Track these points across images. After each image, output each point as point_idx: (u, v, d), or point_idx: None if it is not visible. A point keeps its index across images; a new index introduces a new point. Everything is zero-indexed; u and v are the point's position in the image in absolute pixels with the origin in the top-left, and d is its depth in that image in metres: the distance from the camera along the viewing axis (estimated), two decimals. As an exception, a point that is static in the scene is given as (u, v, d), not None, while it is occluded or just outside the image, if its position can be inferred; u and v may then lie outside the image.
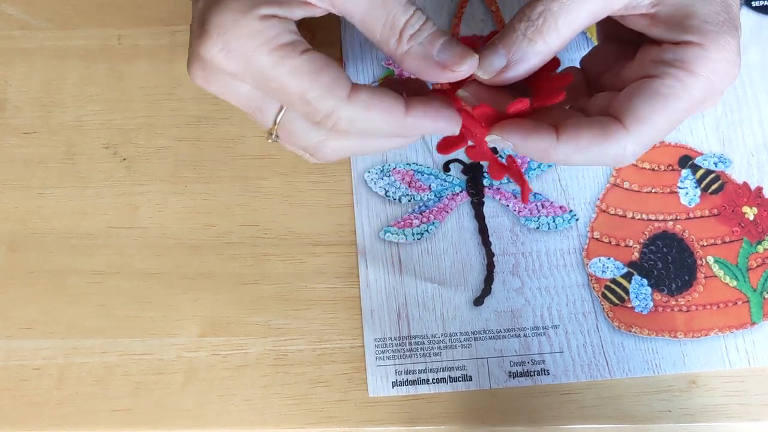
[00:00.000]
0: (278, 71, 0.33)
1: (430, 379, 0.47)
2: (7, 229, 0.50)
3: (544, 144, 0.34)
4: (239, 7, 0.33)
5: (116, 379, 0.47)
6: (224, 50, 0.34)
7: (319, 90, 0.34)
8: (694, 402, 0.47)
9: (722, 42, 0.34)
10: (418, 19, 0.34)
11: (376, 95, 0.34)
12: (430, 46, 0.34)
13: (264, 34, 0.33)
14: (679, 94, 0.34)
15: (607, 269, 0.49)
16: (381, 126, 0.35)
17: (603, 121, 0.34)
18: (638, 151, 0.34)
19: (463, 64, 0.34)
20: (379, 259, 0.49)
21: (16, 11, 0.54)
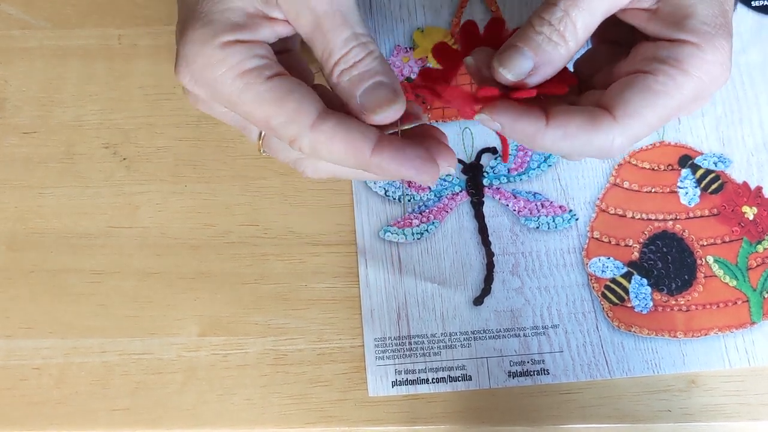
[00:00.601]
0: (242, 98, 0.33)
1: (430, 379, 0.47)
2: (6, 229, 0.50)
3: (533, 128, 0.34)
4: (201, 36, 0.33)
5: (116, 379, 0.47)
6: (192, 80, 0.34)
7: (283, 117, 0.33)
8: (694, 401, 0.47)
9: (717, 45, 0.34)
10: (354, 56, 0.34)
11: (343, 127, 0.34)
12: (355, 86, 0.34)
13: (226, 62, 0.33)
14: (671, 92, 0.34)
15: (606, 269, 0.49)
16: (343, 159, 0.34)
17: (593, 111, 0.34)
18: (624, 145, 0.34)
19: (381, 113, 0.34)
20: (378, 259, 0.49)
21: (15, 11, 0.54)
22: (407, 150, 0.34)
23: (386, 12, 0.53)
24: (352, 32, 0.34)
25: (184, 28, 0.34)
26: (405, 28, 0.53)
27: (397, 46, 0.53)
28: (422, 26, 0.53)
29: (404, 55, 0.52)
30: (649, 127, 0.35)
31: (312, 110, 0.34)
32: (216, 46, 0.33)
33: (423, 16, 0.53)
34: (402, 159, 0.34)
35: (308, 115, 0.33)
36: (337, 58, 0.34)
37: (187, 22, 0.34)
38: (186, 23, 0.34)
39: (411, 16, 0.53)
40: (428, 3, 0.53)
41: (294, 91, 0.34)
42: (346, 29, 0.34)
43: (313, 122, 0.33)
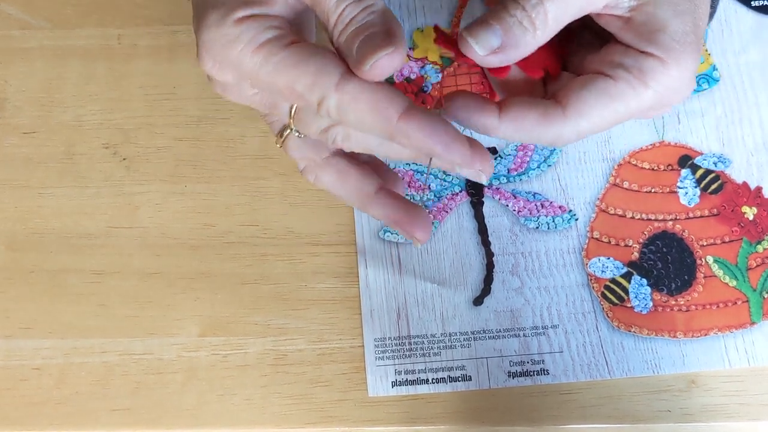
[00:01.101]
0: (264, 70, 0.33)
1: (430, 379, 0.47)
2: (6, 229, 0.50)
3: (488, 123, 0.35)
4: (216, 17, 0.33)
5: (116, 379, 0.47)
6: (216, 64, 0.34)
7: (307, 80, 0.33)
8: (694, 402, 0.47)
9: (683, 62, 0.34)
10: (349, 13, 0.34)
11: (369, 88, 0.33)
12: (351, 43, 0.33)
13: (243, 38, 0.33)
14: (626, 99, 0.35)
15: (606, 269, 0.49)
16: (369, 122, 0.33)
17: (545, 106, 0.35)
18: (573, 139, 0.35)
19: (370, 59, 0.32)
20: (378, 259, 0.49)
21: (15, 11, 0.54)
22: (438, 123, 0.33)
23: (386, 12, 0.53)
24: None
25: (198, 16, 0.34)
26: (405, 28, 0.53)
27: (397, 46, 0.52)
28: (422, 26, 0.53)
29: (404, 55, 0.52)
30: (597, 127, 0.35)
31: (335, 71, 0.33)
32: (230, 25, 0.33)
33: (423, 16, 0.53)
34: (431, 130, 0.33)
35: (332, 75, 0.33)
36: (334, 19, 0.34)
37: (200, 10, 0.34)
38: (200, 11, 0.34)
39: (411, 16, 0.53)
40: (428, 3, 0.53)
41: (315, 54, 0.33)
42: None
43: (337, 82, 0.33)
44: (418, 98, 0.51)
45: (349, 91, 0.33)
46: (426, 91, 0.52)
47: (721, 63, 0.52)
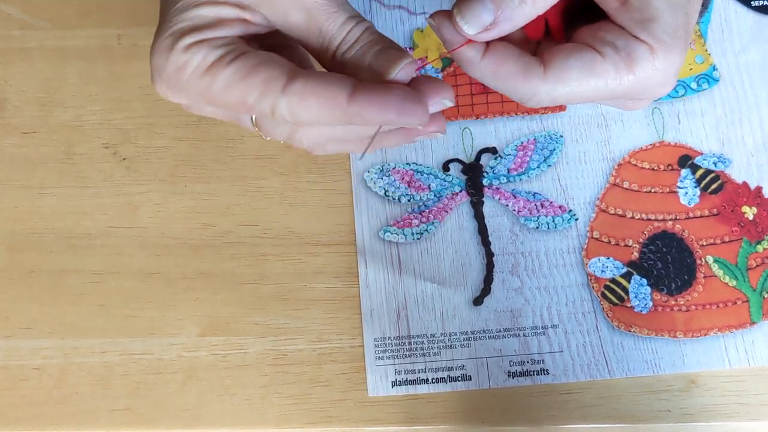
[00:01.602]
0: (213, 91, 0.33)
1: (430, 379, 0.47)
2: (6, 229, 0.50)
3: (472, 54, 0.35)
4: (166, 45, 0.33)
5: (116, 379, 0.48)
6: (168, 89, 0.34)
7: (255, 92, 0.33)
8: (694, 402, 0.47)
9: (670, 56, 0.35)
10: (352, 36, 0.34)
11: (313, 82, 0.33)
12: (361, 60, 0.34)
13: (191, 63, 0.33)
14: (607, 78, 0.35)
15: (606, 269, 0.49)
16: (322, 115, 0.33)
17: (528, 60, 0.35)
18: (545, 101, 0.35)
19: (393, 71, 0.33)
20: (378, 259, 0.49)
21: (15, 11, 0.54)
22: (387, 92, 0.32)
23: (386, 12, 0.53)
24: (347, 15, 0.35)
25: (153, 40, 0.34)
26: (405, 28, 0.53)
27: (396, 46, 0.52)
28: (422, 26, 0.53)
29: (404, 55, 0.52)
30: (571, 97, 0.35)
31: (280, 75, 0.33)
32: (179, 52, 0.33)
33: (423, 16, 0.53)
34: (382, 101, 0.32)
35: (277, 80, 0.33)
36: (339, 41, 0.34)
37: (156, 34, 0.34)
38: (155, 35, 0.34)
39: (411, 16, 0.53)
40: (428, 3, 0.54)
41: (260, 63, 0.33)
42: (341, 14, 0.34)
43: (284, 85, 0.33)
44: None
45: (296, 91, 0.33)
46: (426, 91, 0.52)
47: (721, 63, 0.52)
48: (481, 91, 0.52)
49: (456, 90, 0.52)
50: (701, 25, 0.53)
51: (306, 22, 0.34)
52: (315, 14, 0.34)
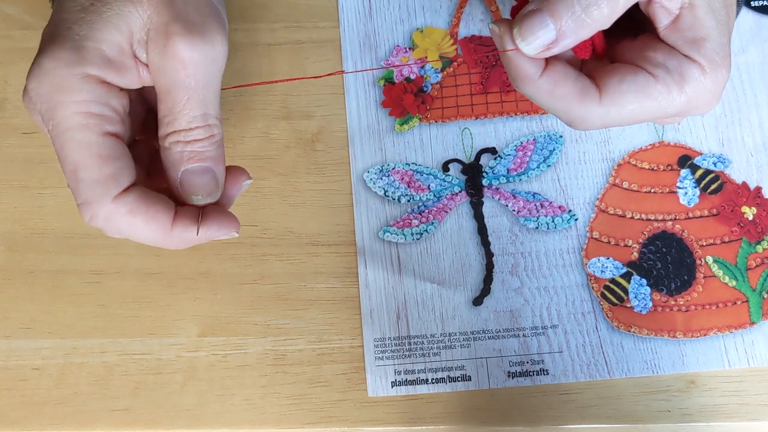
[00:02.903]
0: (68, 135, 0.32)
1: (429, 379, 0.47)
2: (6, 229, 0.50)
3: (532, 71, 0.35)
4: (68, 58, 0.32)
5: (116, 379, 0.48)
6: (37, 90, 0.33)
7: (92, 177, 0.33)
8: (693, 402, 0.47)
9: (719, 75, 0.35)
10: (195, 135, 0.34)
11: (146, 202, 0.33)
12: (181, 162, 0.34)
13: (78, 94, 0.32)
14: (660, 100, 0.35)
15: (606, 269, 0.49)
16: (140, 232, 0.34)
17: (586, 84, 0.35)
18: (596, 124, 0.35)
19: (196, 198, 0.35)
20: (378, 259, 0.49)
21: (15, 11, 0.54)
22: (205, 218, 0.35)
23: (386, 12, 0.53)
24: (203, 112, 0.34)
25: (53, 39, 0.33)
26: (404, 29, 0.53)
27: (396, 47, 0.53)
28: (422, 27, 0.53)
29: (404, 56, 0.52)
30: (621, 121, 0.35)
31: (125, 182, 0.33)
32: (77, 75, 0.32)
33: (422, 16, 0.53)
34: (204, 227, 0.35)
35: (119, 186, 0.33)
36: (179, 129, 0.34)
37: (58, 35, 0.33)
38: (57, 36, 0.33)
39: (410, 16, 0.53)
40: (428, 3, 0.54)
41: (118, 158, 0.33)
42: (199, 107, 0.34)
43: (117, 194, 0.33)
44: (417, 98, 0.51)
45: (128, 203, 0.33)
46: (426, 91, 0.52)
47: (720, 63, 0.52)
48: (480, 92, 0.52)
49: (455, 90, 0.52)
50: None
51: (169, 89, 0.33)
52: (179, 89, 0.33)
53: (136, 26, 0.33)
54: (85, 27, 0.33)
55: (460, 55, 0.52)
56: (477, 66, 0.52)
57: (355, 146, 0.51)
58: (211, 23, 0.34)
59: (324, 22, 0.53)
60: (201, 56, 0.33)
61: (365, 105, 0.52)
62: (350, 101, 0.52)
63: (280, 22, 0.53)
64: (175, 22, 0.33)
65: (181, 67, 0.33)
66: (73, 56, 0.32)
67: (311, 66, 0.52)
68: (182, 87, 0.33)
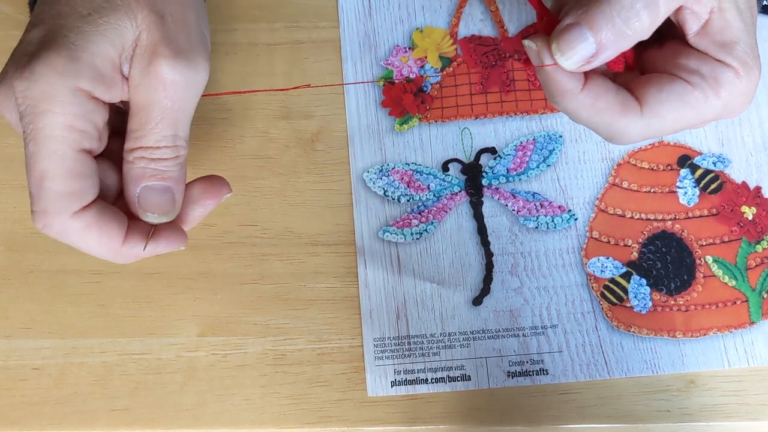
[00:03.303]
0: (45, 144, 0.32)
1: (429, 379, 0.47)
2: (6, 229, 0.50)
3: (572, 86, 0.35)
4: (62, 68, 0.32)
5: (115, 379, 0.48)
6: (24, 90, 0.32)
7: (58, 189, 0.32)
8: (693, 402, 0.47)
9: (752, 77, 0.35)
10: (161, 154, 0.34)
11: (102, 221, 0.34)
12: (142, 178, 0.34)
13: (66, 107, 0.32)
14: (698, 107, 0.35)
15: (606, 269, 0.49)
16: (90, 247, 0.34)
17: (626, 96, 0.35)
18: (635, 137, 0.35)
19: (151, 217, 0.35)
20: (378, 259, 0.49)
21: (14, 11, 0.54)
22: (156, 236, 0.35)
23: (386, 12, 0.53)
24: (173, 133, 0.34)
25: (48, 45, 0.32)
26: (404, 29, 0.53)
27: (396, 47, 0.53)
28: (421, 26, 0.53)
29: (403, 55, 0.52)
30: (660, 132, 0.35)
31: (88, 198, 0.33)
32: (68, 87, 0.32)
33: (422, 16, 0.53)
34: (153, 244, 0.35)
35: (82, 201, 0.33)
36: (146, 145, 0.34)
37: (53, 41, 0.33)
38: (52, 41, 0.33)
39: (410, 16, 0.53)
40: (427, 3, 0.54)
41: (87, 177, 0.33)
42: (170, 128, 0.34)
43: (78, 210, 0.33)
44: (417, 98, 0.51)
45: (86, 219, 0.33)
46: (425, 90, 0.52)
47: (720, 63, 0.52)
48: (480, 92, 0.52)
49: (455, 90, 0.52)
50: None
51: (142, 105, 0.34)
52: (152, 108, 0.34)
53: (128, 42, 0.33)
54: (82, 37, 0.33)
55: (459, 55, 0.52)
56: (477, 66, 0.52)
57: (354, 146, 0.51)
58: (198, 49, 0.35)
59: (324, 21, 0.53)
60: (183, 79, 0.33)
61: (365, 105, 0.52)
62: (350, 101, 0.52)
63: (280, 22, 0.53)
64: (163, 43, 0.33)
65: (162, 88, 0.33)
66: (68, 67, 0.32)
67: (311, 66, 0.52)
68: (158, 107, 0.34)
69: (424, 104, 0.51)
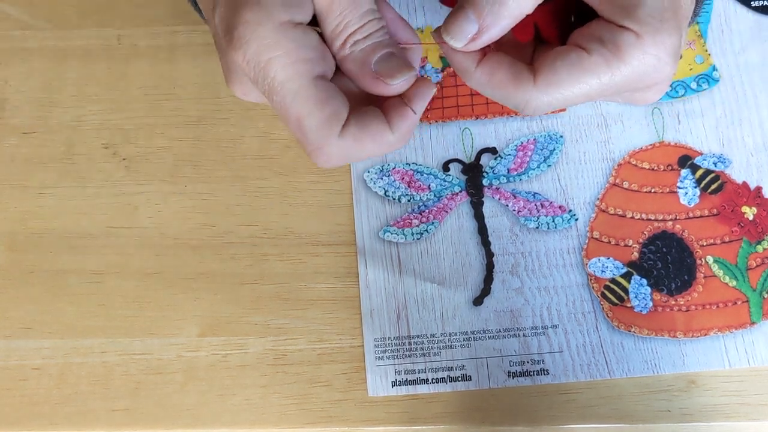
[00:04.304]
0: (285, 87, 0.33)
1: (430, 379, 0.47)
2: (6, 229, 0.50)
3: (467, 64, 0.36)
4: (255, 17, 0.33)
5: (116, 379, 0.47)
6: (245, 60, 0.34)
7: (316, 122, 0.34)
8: (694, 402, 0.47)
9: (659, 39, 0.34)
10: (369, 29, 0.35)
11: (364, 125, 0.35)
12: (370, 54, 0.35)
13: (281, 45, 0.33)
14: (599, 73, 0.34)
15: (606, 269, 0.49)
16: (372, 152, 0.35)
17: (520, 69, 0.35)
18: (542, 107, 0.36)
19: (398, 78, 0.35)
20: (378, 259, 0.49)
21: (15, 11, 0.54)
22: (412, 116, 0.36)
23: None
24: (368, 7, 0.35)
25: (233, 9, 0.34)
26: (405, 29, 0.53)
27: (396, 47, 0.52)
28: (422, 27, 0.53)
29: (404, 56, 0.52)
30: (567, 101, 0.35)
31: (344, 115, 0.34)
32: (271, 28, 0.33)
33: (423, 16, 0.53)
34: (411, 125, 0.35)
35: (340, 122, 0.34)
36: (353, 29, 0.35)
37: (234, 4, 0.34)
38: (233, 5, 0.34)
39: (410, 16, 0.53)
40: (428, 3, 0.54)
41: (334, 96, 0.34)
42: (364, 4, 0.35)
43: (341, 129, 0.34)
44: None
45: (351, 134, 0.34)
46: (426, 91, 0.52)
47: (720, 63, 0.52)
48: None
49: (456, 90, 0.52)
50: (701, 25, 0.53)
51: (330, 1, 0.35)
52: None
53: None
54: None
55: (460, 55, 0.52)
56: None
57: (355, 146, 0.51)
58: None
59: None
60: None
61: (365, 105, 0.52)
62: (350, 101, 0.52)
63: (281, 22, 0.53)
64: None
65: None
66: (258, 14, 0.33)
67: (311, 66, 0.52)
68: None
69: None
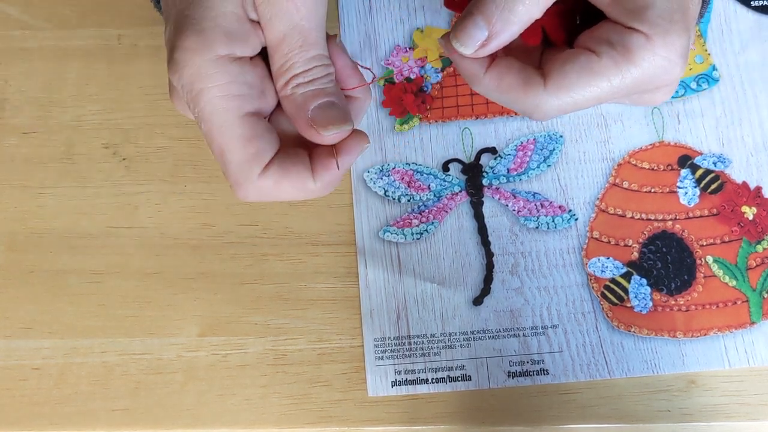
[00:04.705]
0: (213, 119, 0.33)
1: (430, 379, 0.47)
2: (6, 229, 0.50)
3: (476, 70, 0.36)
4: (194, 45, 0.33)
5: (116, 379, 0.48)
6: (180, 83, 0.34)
7: (237, 159, 0.34)
8: (693, 402, 0.47)
9: (669, 40, 0.34)
10: (314, 74, 0.35)
11: (286, 170, 0.35)
12: (309, 100, 0.35)
13: (215, 79, 0.33)
14: (609, 76, 0.34)
15: (606, 269, 0.49)
16: (292, 197, 0.35)
17: (529, 73, 0.35)
18: (553, 112, 0.35)
19: (331, 130, 0.35)
20: (378, 259, 0.49)
21: (15, 11, 0.54)
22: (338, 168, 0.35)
23: (386, 12, 0.53)
24: (318, 52, 0.35)
25: (177, 32, 0.34)
26: (405, 28, 0.53)
27: (396, 46, 0.53)
28: (422, 26, 0.53)
29: (404, 55, 0.52)
30: (577, 104, 0.35)
31: (268, 155, 0.34)
32: (208, 59, 0.33)
33: (423, 16, 0.53)
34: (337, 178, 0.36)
35: (262, 162, 0.34)
36: (298, 72, 0.35)
37: (179, 27, 0.34)
38: (178, 28, 0.34)
39: (411, 16, 0.53)
40: (428, 3, 0.54)
41: (259, 137, 0.34)
42: (313, 48, 0.35)
43: (262, 169, 0.34)
44: (417, 98, 0.51)
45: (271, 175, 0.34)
46: (426, 90, 0.52)
47: (720, 63, 0.52)
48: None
49: (456, 90, 0.52)
50: (701, 25, 0.53)
51: (281, 36, 0.34)
52: (291, 34, 0.34)
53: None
54: (198, 8, 0.34)
55: (460, 55, 0.52)
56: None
57: (355, 146, 0.51)
58: None
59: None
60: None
61: (365, 105, 0.52)
62: (350, 101, 0.52)
63: (280, 22, 0.53)
64: None
65: (295, 10, 0.34)
66: (198, 43, 0.33)
67: (311, 66, 0.52)
68: (297, 30, 0.34)
69: (425, 104, 0.51)
